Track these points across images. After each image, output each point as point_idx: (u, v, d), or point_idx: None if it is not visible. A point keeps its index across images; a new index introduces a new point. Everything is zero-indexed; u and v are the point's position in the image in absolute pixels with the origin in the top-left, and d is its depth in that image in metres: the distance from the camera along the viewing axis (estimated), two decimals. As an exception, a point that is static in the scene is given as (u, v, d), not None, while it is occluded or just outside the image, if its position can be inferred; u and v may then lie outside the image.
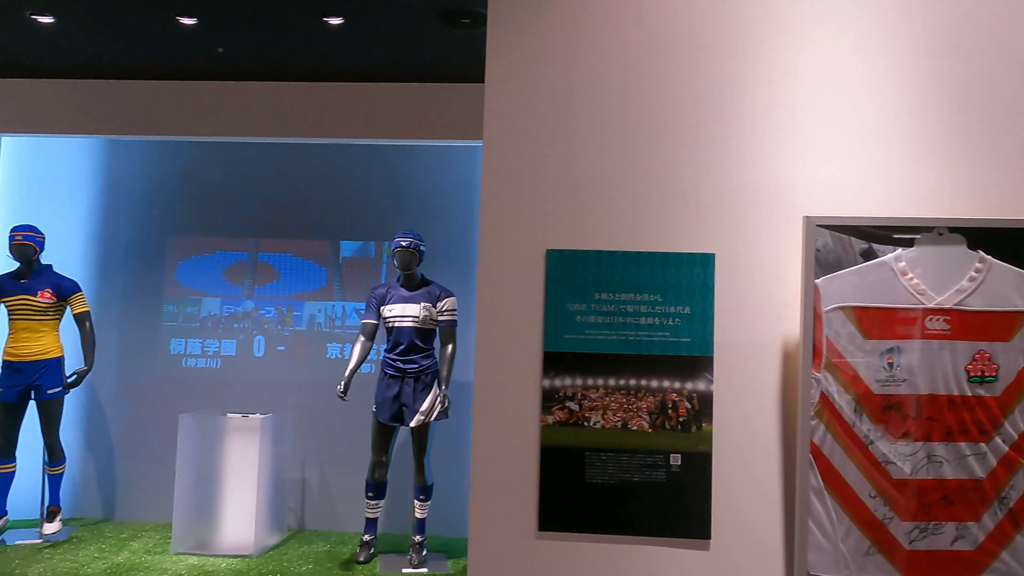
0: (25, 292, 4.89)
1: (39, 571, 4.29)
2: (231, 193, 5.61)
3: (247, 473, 4.78)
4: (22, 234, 4.89)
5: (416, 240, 4.63)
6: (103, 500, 5.51)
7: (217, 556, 4.67)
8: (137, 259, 5.62)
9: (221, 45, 4.53)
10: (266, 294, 5.61)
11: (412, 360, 4.60)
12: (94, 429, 5.55)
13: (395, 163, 5.54)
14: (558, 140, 2.65)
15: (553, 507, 2.48)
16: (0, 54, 4.79)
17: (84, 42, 4.56)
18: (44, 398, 4.89)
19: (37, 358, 4.88)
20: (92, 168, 5.66)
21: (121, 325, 5.58)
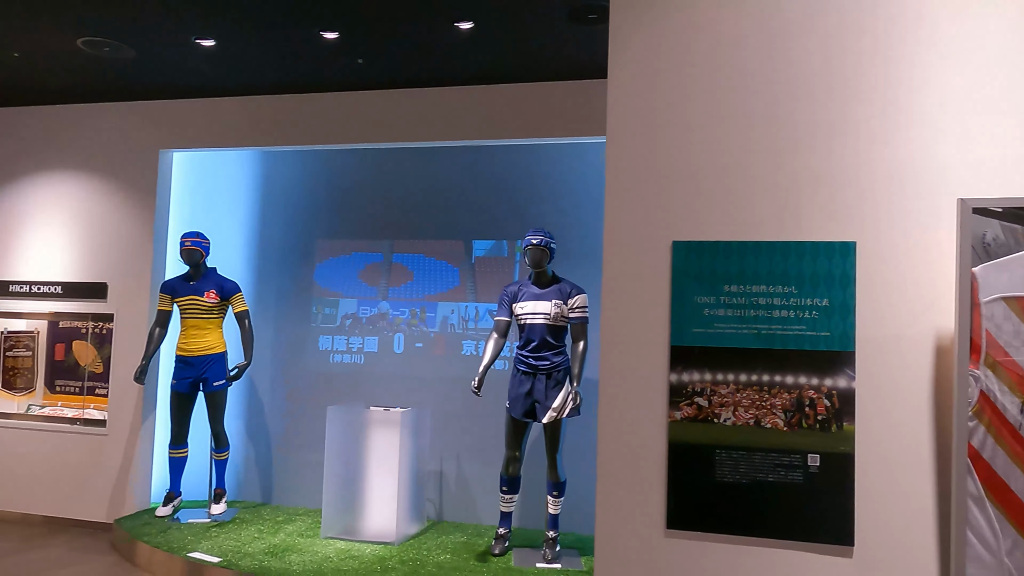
0: (193, 293, 5.37)
1: (208, 547, 4.70)
2: (369, 197, 5.89)
3: (389, 464, 5.00)
4: (191, 240, 5.37)
5: (547, 238, 4.67)
6: (262, 485, 5.95)
7: (362, 542, 4.92)
8: (288, 262, 6.03)
9: (361, 56, 4.77)
10: (401, 295, 5.84)
11: (544, 357, 4.63)
12: (254, 419, 6.00)
13: (526, 162, 5.61)
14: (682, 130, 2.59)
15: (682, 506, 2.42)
16: (169, 77, 5.30)
17: (239, 62, 4.95)
18: (211, 390, 5.35)
19: (204, 353, 5.34)
20: (250, 178, 6.13)
21: (276, 323, 6.01)
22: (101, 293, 5.79)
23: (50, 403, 6.05)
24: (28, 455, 5.85)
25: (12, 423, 5.96)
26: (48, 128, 6.02)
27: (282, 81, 5.30)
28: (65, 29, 4.49)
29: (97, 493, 5.65)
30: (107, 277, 5.79)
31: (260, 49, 4.71)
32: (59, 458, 5.78)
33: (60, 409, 6.00)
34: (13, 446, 5.89)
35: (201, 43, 4.63)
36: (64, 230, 5.92)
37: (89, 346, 5.96)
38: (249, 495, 5.97)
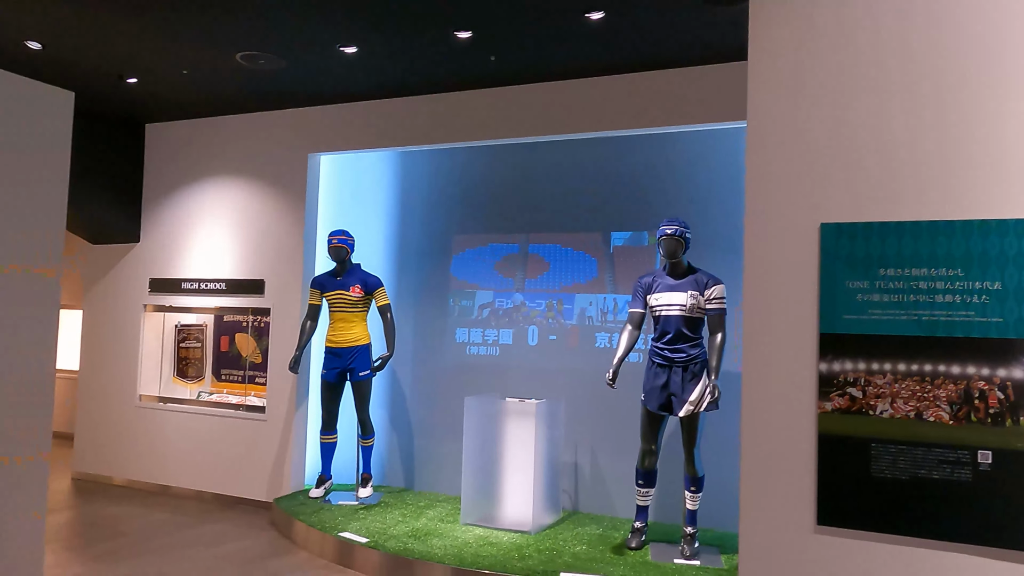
0: (340, 288, 5.68)
1: (356, 528, 4.96)
2: (505, 191, 5.99)
3: (524, 454, 5.08)
4: (337, 238, 5.68)
5: (681, 227, 4.56)
6: (404, 471, 6.21)
7: (500, 529, 5.03)
8: (426, 256, 6.25)
9: (493, 53, 4.86)
10: (537, 287, 5.88)
11: (680, 349, 4.54)
12: (396, 408, 6.27)
13: (663, 150, 5.51)
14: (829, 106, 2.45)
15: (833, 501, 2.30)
16: (315, 85, 5.62)
17: (379, 66, 5.17)
18: (357, 379, 5.64)
19: (351, 344, 5.64)
20: (390, 177, 6.40)
21: (415, 316, 6.25)
22: (259, 289, 6.25)
23: (217, 390, 6.60)
24: (199, 438, 6.40)
25: (185, 408, 6.55)
26: (211, 138, 6.56)
27: (419, 82, 5.49)
28: (225, 46, 4.86)
29: (257, 474, 6.11)
30: (264, 274, 6.23)
31: (398, 53, 4.90)
32: (225, 441, 6.29)
33: (225, 396, 6.53)
34: (187, 429, 6.47)
35: (345, 51, 4.88)
36: (227, 231, 6.42)
37: (249, 338, 6.45)
38: (392, 480, 6.24)
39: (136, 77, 5.53)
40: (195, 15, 4.39)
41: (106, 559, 4.72)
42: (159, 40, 4.79)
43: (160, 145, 6.79)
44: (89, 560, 4.69)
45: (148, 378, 6.75)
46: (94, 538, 5.16)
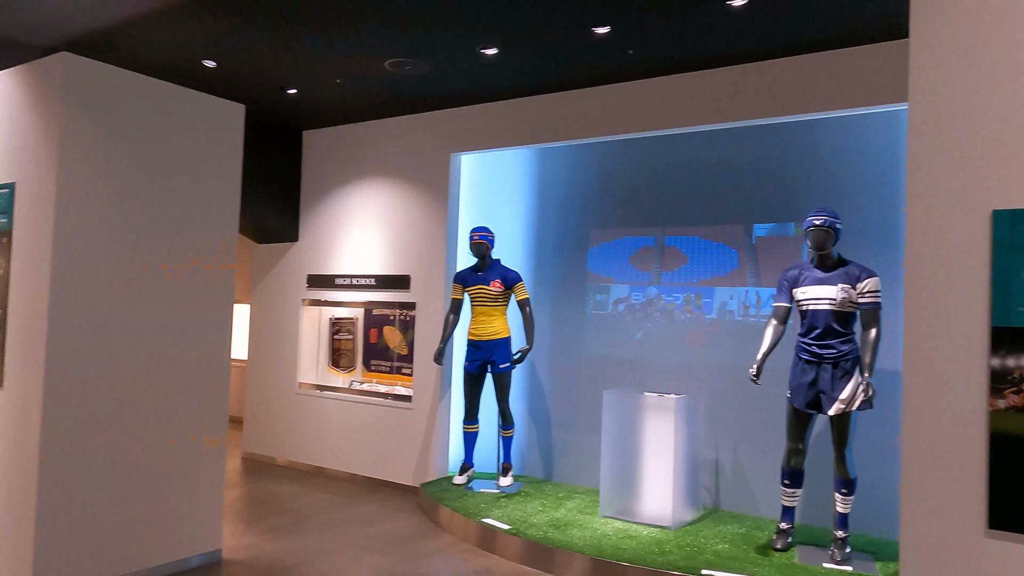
0: (481, 282, 5.86)
1: (498, 515, 5.12)
2: (641, 184, 5.96)
3: (664, 449, 5.05)
4: (478, 234, 5.87)
5: (831, 218, 4.37)
6: (543, 462, 6.33)
7: (639, 523, 5.03)
8: (563, 251, 6.32)
9: (632, 47, 4.85)
10: (674, 280, 5.80)
11: (829, 345, 4.35)
12: (535, 400, 6.40)
13: (809, 137, 5.29)
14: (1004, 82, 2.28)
15: (1008, 503, 2.15)
16: (457, 86, 5.82)
17: (519, 65, 5.29)
18: (497, 371, 5.81)
19: (491, 337, 5.82)
20: (527, 174, 6.53)
21: (552, 309, 6.34)
22: (405, 284, 6.56)
23: (367, 380, 7.00)
24: (351, 424, 6.82)
25: (339, 396, 6.99)
26: (360, 142, 6.95)
27: (556, 80, 5.57)
28: (375, 55, 5.15)
29: (404, 460, 6.42)
30: (410, 270, 6.54)
31: (537, 52, 5.00)
32: (374, 428, 6.66)
33: (375, 385, 6.92)
34: (341, 416, 6.91)
35: (485, 52, 5.03)
36: (375, 229, 6.79)
37: (396, 331, 6.79)
38: (532, 471, 6.37)
39: (296, 88, 5.96)
40: (349, 28, 4.68)
41: (273, 532, 5.14)
42: (317, 53, 5.14)
43: (315, 150, 7.28)
44: (259, 532, 5.13)
45: (306, 367, 7.26)
46: (262, 513, 5.62)
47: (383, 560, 4.64)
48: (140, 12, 4.55)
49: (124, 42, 5.04)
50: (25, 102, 3.98)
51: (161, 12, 4.53)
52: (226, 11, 4.49)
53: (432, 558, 4.74)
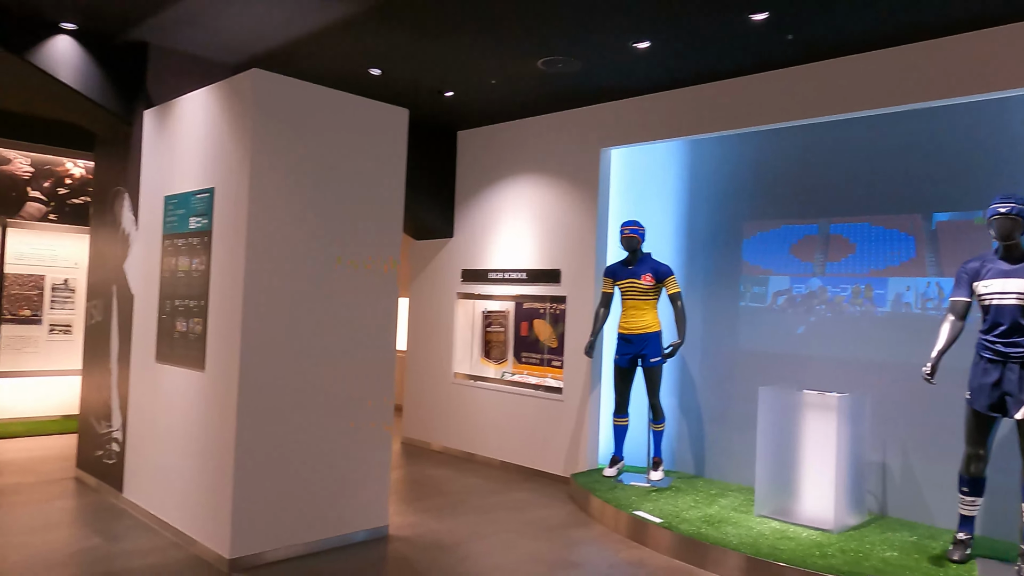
0: (632, 276, 5.87)
1: (650, 508, 5.13)
2: (799, 173, 5.73)
3: (825, 450, 4.85)
4: (629, 228, 5.88)
5: (1018, 205, 4.02)
6: (695, 458, 6.25)
7: (797, 525, 4.86)
8: (716, 243, 6.20)
9: (790, 32, 4.68)
10: (840, 270, 5.52)
11: (1017, 343, 4.01)
12: (686, 395, 6.33)
13: (995, 118, 4.88)
14: None
15: None
16: (608, 81, 5.86)
17: (671, 57, 5.25)
18: (648, 365, 5.80)
19: (642, 331, 5.82)
20: (678, 166, 6.46)
21: (704, 303, 6.24)
22: (556, 278, 6.69)
23: (518, 371, 7.20)
24: (504, 414, 7.04)
25: (491, 386, 7.24)
26: (512, 140, 7.15)
27: (710, 70, 5.47)
28: (528, 55, 5.29)
29: (555, 450, 6.56)
30: (560, 264, 6.66)
31: (691, 43, 4.94)
32: (526, 418, 6.84)
33: (526, 377, 7.10)
34: (493, 405, 7.16)
35: (637, 46, 5.04)
36: (526, 225, 6.97)
37: (546, 324, 6.93)
38: (682, 466, 6.31)
39: (452, 91, 6.23)
40: (504, 30, 4.84)
41: (432, 513, 5.43)
42: (473, 56, 5.36)
43: (469, 149, 7.56)
44: (420, 512, 5.44)
45: (460, 358, 7.57)
46: (422, 494, 5.95)
47: (537, 545, 4.79)
48: (315, 29, 4.95)
49: (299, 56, 5.49)
50: (222, 115, 4.44)
51: (335, 28, 4.90)
52: (393, 23, 4.78)
53: (585, 546, 4.83)
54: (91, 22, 5.03)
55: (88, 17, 4.95)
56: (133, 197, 5.41)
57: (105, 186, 5.87)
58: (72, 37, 5.17)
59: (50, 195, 8.35)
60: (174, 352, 4.74)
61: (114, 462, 5.39)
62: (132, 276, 5.36)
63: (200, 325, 4.48)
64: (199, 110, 4.68)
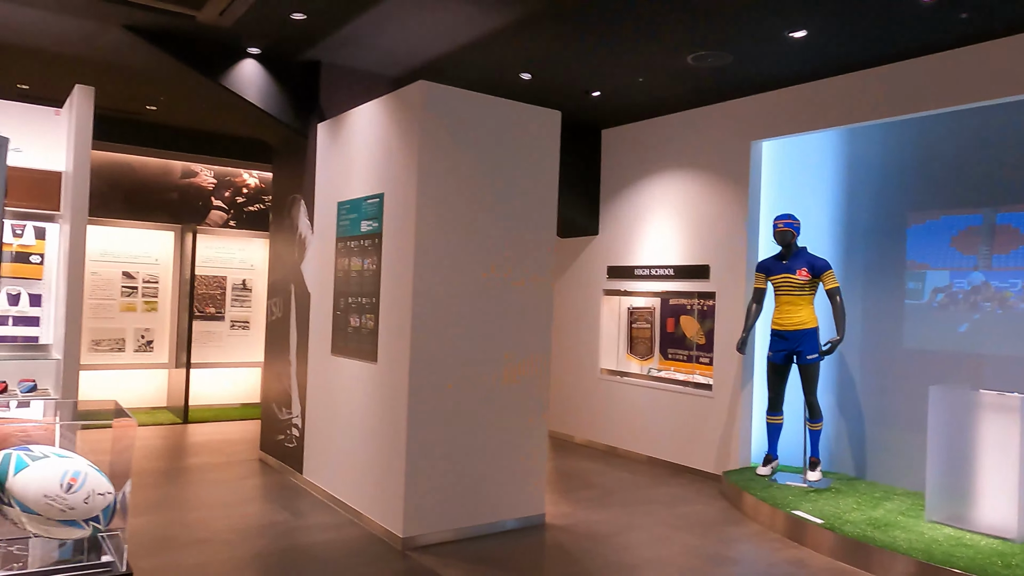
0: (786, 271, 5.74)
1: (809, 508, 5.02)
2: (971, 160, 5.38)
3: (1007, 454, 4.55)
4: (783, 222, 5.75)
5: None
6: (855, 460, 6.01)
7: (975, 532, 4.60)
8: (876, 236, 5.93)
9: (965, 10, 4.43)
10: (1008, 264, 5.13)
11: None
12: (845, 393, 6.10)
13: None
14: None
15: None
16: (759, 73, 5.74)
17: (830, 45, 5.09)
18: (804, 362, 5.65)
19: (798, 327, 5.67)
20: (834, 157, 6.23)
21: (864, 298, 5.98)
22: (704, 274, 6.64)
23: (664, 368, 7.20)
24: (650, 409, 7.07)
25: (637, 382, 7.29)
26: (657, 136, 7.15)
27: (870, 55, 5.25)
28: (677, 51, 5.30)
29: (705, 447, 6.52)
30: (709, 260, 6.60)
31: (851, 29, 4.77)
32: (673, 414, 6.84)
33: (672, 373, 7.09)
34: (639, 401, 7.20)
35: (793, 36, 4.93)
36: (673, 221, 6.95)
37: (693, 320, 6.89)
38: (841, 467, 6.09)
39: (599, 90, 6.34)
40: (652, 28, 4.89)
41: (584, 504, 5.57)
42: (621, 55, 5.43)
43: (614, 147, 7.63)
44: (572, 502, 5.59)
45: (606, 354, 7.67)
46: (572, 486, 6.10)
47: (693, 540, 4.81)
48: (471, 40, 5.20)
49: (454, 65, 5.78)
50: (391, 124, 4.78)
51: (490, 38, 5.14)
52: (547, 30, 4.95)
53: (741, 543, 4.80)
54: (273, 46, 5.55)
55: (271, 42, 5.46)
56: (309, 203, 5.91)
57: (283, 194, 6.44)
58: (256, 61, 5.71)
59: (230, 203, 9.22)
60: (348, 345, 5.15)
61: (294, 446, 5.92)
62: (308, 276, 5.85)
63: (372, 320, 4.85)
64: (369, 121, 5.06)
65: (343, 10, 4.80)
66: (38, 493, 1.73)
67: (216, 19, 4.88)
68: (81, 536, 1.84)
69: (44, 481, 1.75)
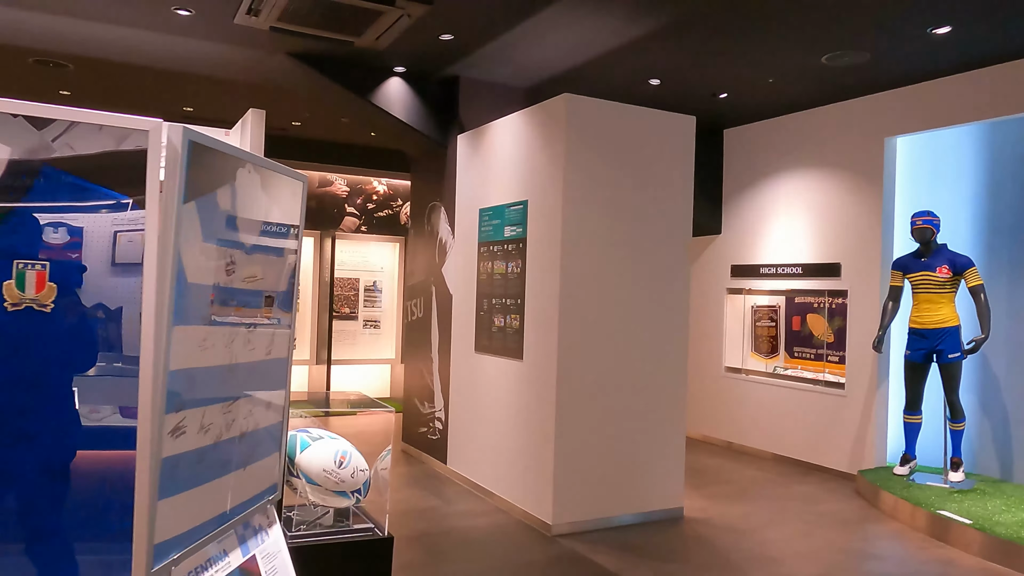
0: (926, 269, 5.67)
1: (954, 508, 4.97)
2: None
3: None
4: (921, 219, 5.67)
5: None
6: (1000, 461, 5.86)
7: None
8: (1022, 234, 5.75)
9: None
10: None
11: None
12: (988, 393, 5.95)
13: None
14: None
15: None
16: (896, 69, 5.69)
17: (974, 38, 5.01)
18: (945, 361, 5.57)
19: (938, 326, 5.60)
20: (974, 151, 6.07)
21: (1009, 295, 5.82)
22: (835, 272, 6.61)
23: (791, 366, 7.20)
24: (778, 408, 7.09)
25: (762, 380, 7.31)
26: (784, 134, 7.15)
27: (1019, 47, 5.13)
28: (812, 52, 5.34)
29: (837, 446, 6.49)
30: (840, 257, 6.56)
31: (999, 22, 4.69)
32: (803, 413, 6.84)
33: (799, 371, 7.08)
34: (764, 399, 7.23)
35: (936, 32, 4.89)
36: (801, 218, 6.95)
37: (821, 318, 6.86)
38: (985, 469, 5.95)
39: (727, 92, 6.42)
40: (787, 30, 4.96)
41: (719, 499, 5.69)
42: (752, 59, 5.52)
43: (737, 146, 7.67)
44: (705, 498, 5.72)
45: (730, 352, 7.72)
46: (704, 481, 6.23)
47: (835, 536, 4.87)
48: (603, 52, 5.42)
49: (584, 75, 6.01)
50: (534, 135, 5.06)
51: (622, 48, 5.34)
52: (681, 38, 5.11)
53: (885, 541, 4.82)
54: (416, 64, 5.94)
55: (414, 61, 5.86)
56: (449, 210, 6.29)
57: (422, 201, 6.85)
58: (401, 78, 6.13)
59: (361, 210, 9.80)
60: (492, 344, 5.47)
61: (437, 438, 6.32)
62: (450, 278, 6.23)
63: (517, 320, 5.15)
64: (512, 131, 5.36)
65: (489, 30, 5.12)
66: (318, 468, 2.09)
67: (372, 43, 5.30)
68: (347, 505, 2.18)
69: (322, 458, 2.10)
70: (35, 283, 1.20)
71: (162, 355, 1.32)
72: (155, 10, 4.92)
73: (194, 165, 1.34)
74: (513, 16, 4.85)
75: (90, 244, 1.26)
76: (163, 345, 1.32)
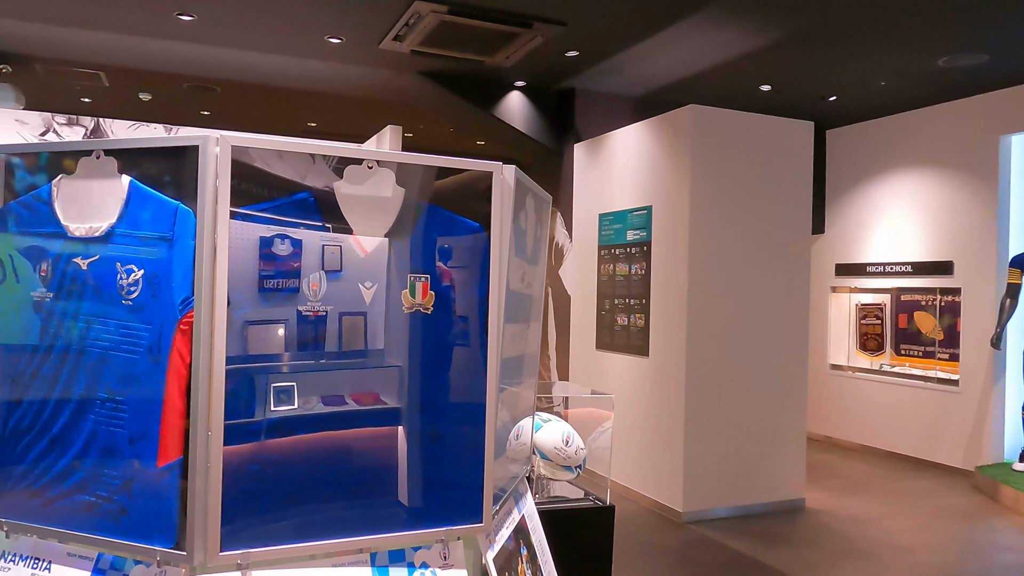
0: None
1: (1082, 503, 5.03)
2: None
3: None
4: (1041, 217, 5.72)
5: None
6: (1125, 458, 5.84)
7: None
8: None
9: None
10: None
11: None
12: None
13: None
14: None
15: None
16: (1014, 68, 5.74)
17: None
18: (1067, 357, 5.61)
19: (1060, 322, 5.63)
20: (1094, 148, 6.06)
21: None
22: (947, 270, 6.66)
23: (898, 363, 7.27)
24: (887, 404, 7.17)
25: (868, 377, 7.40)
26: (891, 134, 7.22)
27: None
28: (928, 54, 5.46)
29: (951, 442, 6.55)
30: (952, 255, 6.62)
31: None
32: (913, 409, 6.91)
33: (907, 368, 7.15)
34: (871, 395, 7.32)
35: (1059, 33, 4.96)
36: (911, 217, 7.02)
37: (929, 316, 6.92)
38: (1109, 466, 5.94)
39: (836, 95, 6.57)
40: (902, 34, 5.10)
41: (837, 492, 5.86)
42: (865, 62, 5.67)
43: (841, 147, 7.77)
44: (823, 490, 5.89)
45: (835, 349, 7.82)
46: (818, 476, 6.38)
47: (956, 528, 4.99)
48: (717, 62, 5.66)
49: (696, 83, 6.26)
50: (658, 144, 5.35)
51: (737, 57, 5.57)
52: (793, 46, 5.31)
53: (1010, 535, 4.92)
54: (535, 79, 6.30)
55: (534, 75, 6.21)
56: (566, 215, 6.62)
57: (536, 207, 7.21)
58: (521, 92, 6.50)
59: (462, 214, 10.24)
60: (615, 341, 5.78)
61: (556, 431, 6.66)
62: (567, 280, 6.57)
63: (642, 319, 5.45)
64: (635, 140, 5.66)
65: (614, 45, 5.43)
66: (551, 445, 2.44)
67: (502, 62, 5.68)
68: (571, 478, 2.53)
69: (553, 437, 2.45)
70: (421, 291, 1.57)
71: (496, 347, 1.69)
72: (311, 39, 5.41)
73: (517, 194, 1.72)
74: (640, 32, 5.15)
75: (458, 260, 1.64)
76: (496, 339, 1.68)
